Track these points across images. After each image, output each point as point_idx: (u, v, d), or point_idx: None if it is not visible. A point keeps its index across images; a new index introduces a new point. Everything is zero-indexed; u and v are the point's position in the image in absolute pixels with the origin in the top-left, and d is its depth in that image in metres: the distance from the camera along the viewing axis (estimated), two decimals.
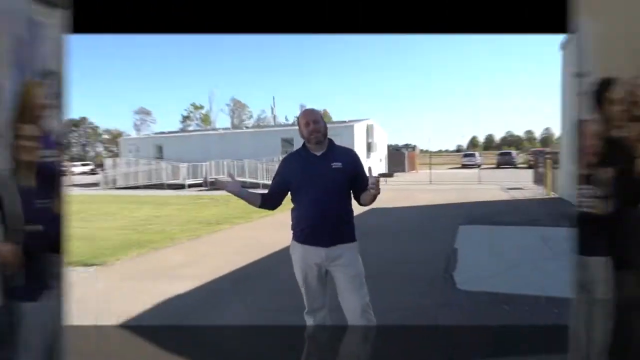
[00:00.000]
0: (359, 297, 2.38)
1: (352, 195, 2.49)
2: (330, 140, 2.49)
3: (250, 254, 6.08)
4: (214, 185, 2.65)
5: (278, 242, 6.85)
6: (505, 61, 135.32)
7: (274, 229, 8.18)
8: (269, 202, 2.53)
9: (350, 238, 2.42)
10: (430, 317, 3.62)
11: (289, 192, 2.51)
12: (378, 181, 2.30)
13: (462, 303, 3.92)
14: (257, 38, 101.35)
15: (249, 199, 2.49)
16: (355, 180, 2.45)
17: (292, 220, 2.50)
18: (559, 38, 12.53)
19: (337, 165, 2.38)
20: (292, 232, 2.51)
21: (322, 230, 2.35)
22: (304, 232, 2.41)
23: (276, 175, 2.54)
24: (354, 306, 2.38)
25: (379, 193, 2.31)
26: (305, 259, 2.42)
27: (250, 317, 3.72)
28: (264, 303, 4.06)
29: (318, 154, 2.42)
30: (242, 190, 2.47)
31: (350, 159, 2.45)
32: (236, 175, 19.59)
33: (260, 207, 2.52)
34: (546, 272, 4.85)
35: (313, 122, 2.40)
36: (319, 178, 2.36)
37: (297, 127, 2.56)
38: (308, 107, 2.89)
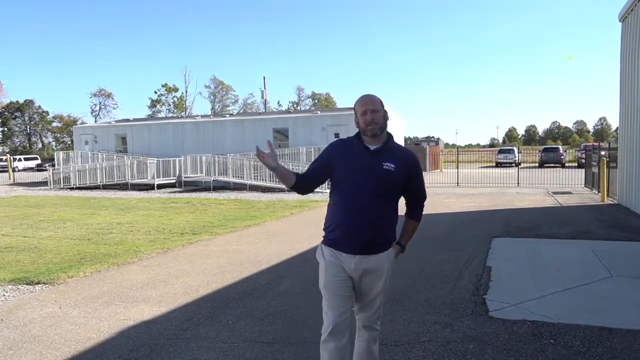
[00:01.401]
0: (377, 309, 2.62)
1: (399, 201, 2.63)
2: (390, 135, 2.60)
3: (232, 273, 6.08)
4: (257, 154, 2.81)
5: (268, 258, 6.84)
6: (550, 35, 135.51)
7: (264, 242, 8.17)
8: (304, 184, 2.65)
9: (388, 246, 2.59)
10: (458, 353, 3.59)
11: (328, 182, 2.65)
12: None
13: (496, 336, 3.89)
14: (245, 3, 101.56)
15: (283, 176, 2.60)
16: (408, 187, 2.60)
17: (326, 219, 2.62)
18: (619, 5, 12.52)
19: (389, 166, 2.49)
20: (323, 232, 2.62)
21: (355, 237, 2.47)
22: (335, 233, 2.53)
23: (319, 158, 2.67)
24: (368, 317, 2.63)
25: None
26: (333, 267, 2.53)
27: (232, 350, 3.70)
28: (249, 333, 4.04)
29: (372, 148, 2.54)
30: (279, 165, 2.57)
31: (407, 162, 2.57)
32: (217, 173, 19.66)
33: (292, 187, 2.63)
34: (604, 297, 4.83)
35: (371, 111, 2.50)
36: (366, 176, 2.48)
37: (292, 115, 2.61)
38: (304, 89, 2.98)
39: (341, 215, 2.51)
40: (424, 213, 2.78)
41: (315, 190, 2.65)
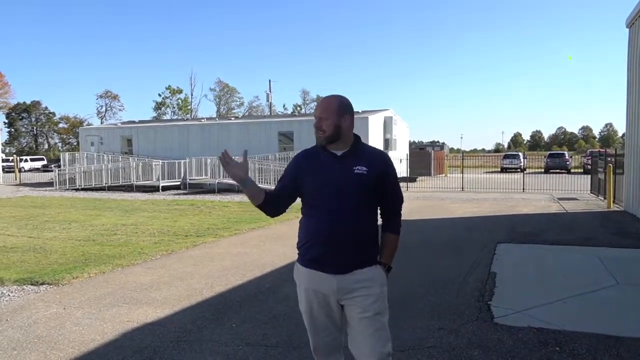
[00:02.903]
0: (377, 345, 2.25)
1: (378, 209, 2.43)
2: (357, 137, 2.43)
3: (236, 275, 6.07)
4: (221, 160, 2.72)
5: (272, 261, 6.84)
6: (555, 40, 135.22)
7: (268, 244, 8.17)
8: (272, 204, 2.45)
9: (372, 262, 2.36)
10: None
11: (298, 199, 2.46)
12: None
13: (501, 342, 3.86)
14: (250, 5, 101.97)
15: (252, 192, 2.40)
16: (384, 191, 2.37)
17: (299, 236, 2.44)
18: (626, 10, 12.48)
19: (360, 169, 2.30)
20: (297, 250, 2.45)
21: (334, 252, 2.27)
22: (311, 251, 2.34)
23: (283, 175, 2.48)
24: (368, 356, 2.24)
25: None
26: (312, 288, 2.35)
27: (236, 353, 3.69)
28: (253, 336, 4.03)
29: (338, 153, 2.35)
30: (247, 178, 2.36)
31: (380, 163, 2.38)
32: (222, 175, 19.68)
33: (260, 206, 2.43)
34: (610, 304, 4.79)
35: (318, 117, 2.35)
36: (336, 184, 2.28)
37: (298, 119, 2.59)
38: (309, 92, 2.90)
39: (317, 231, 2.30)
40: (429, 218, 2.70)
41: None
